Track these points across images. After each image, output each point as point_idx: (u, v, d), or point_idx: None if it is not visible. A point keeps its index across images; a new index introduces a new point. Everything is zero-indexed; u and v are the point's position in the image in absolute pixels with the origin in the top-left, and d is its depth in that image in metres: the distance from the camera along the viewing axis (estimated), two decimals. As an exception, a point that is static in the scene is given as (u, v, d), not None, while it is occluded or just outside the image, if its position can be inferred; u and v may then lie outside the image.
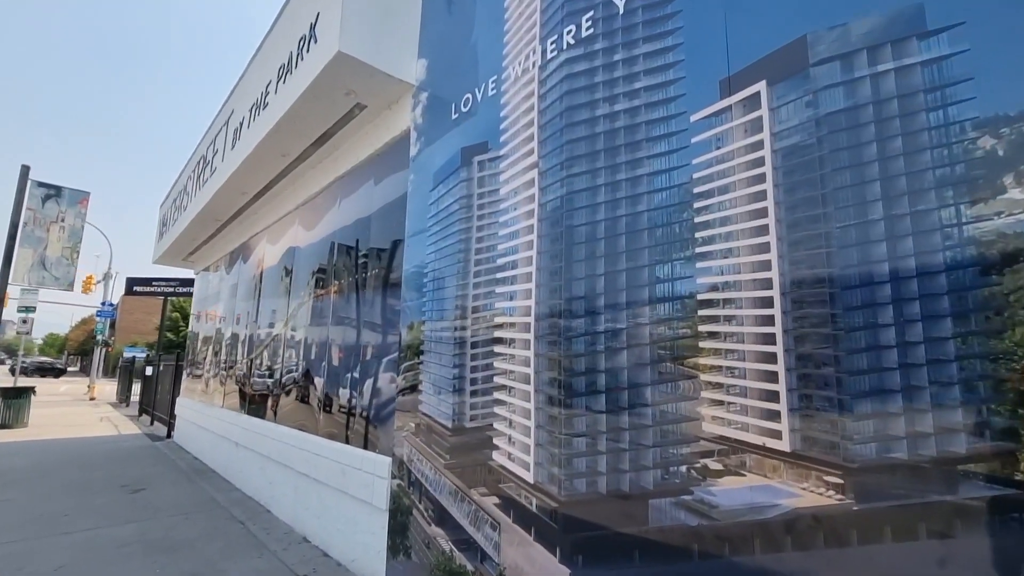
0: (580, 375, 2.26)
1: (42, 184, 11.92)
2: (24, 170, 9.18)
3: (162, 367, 11.94)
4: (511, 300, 2.67)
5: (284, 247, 6.19)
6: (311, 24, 3.90)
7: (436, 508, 2.94)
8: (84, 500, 5.26)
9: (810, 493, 1.53)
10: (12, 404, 10.65)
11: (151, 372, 12.82)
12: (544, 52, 2.72)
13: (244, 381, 6.75)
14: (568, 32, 2.59)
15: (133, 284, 20.81)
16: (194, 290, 11.67)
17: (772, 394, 1.63)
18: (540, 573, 2.25)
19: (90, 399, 18.85)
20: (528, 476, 2.39)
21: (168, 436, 10.01)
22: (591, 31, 2.48)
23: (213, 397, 7.96)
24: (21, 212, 9.19)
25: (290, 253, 5.96)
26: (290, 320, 5.63)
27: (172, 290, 20.38)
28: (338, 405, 4.31)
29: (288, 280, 5.88)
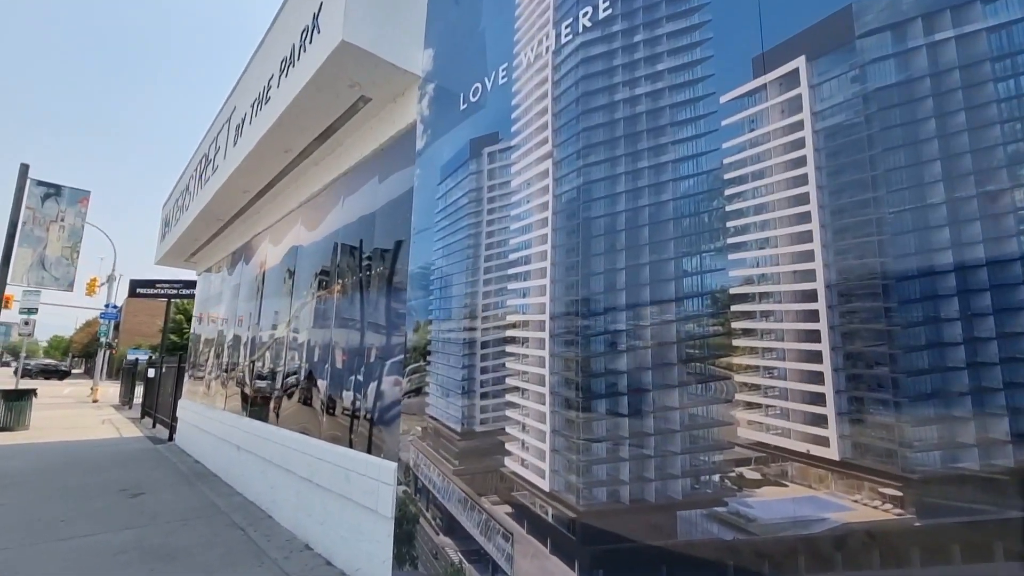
0: (599, 376, 2.12)
1: (41, 183, 11.84)
2: (23, 168, 9.10)
3: (164, 369, 11.85)
4: (524, 297, 2.53)
5: (286, 247, 6.07)
6: (314, 14, 3.78)
7: (444, 516, 2.80)
8: (82, 505, 5.14)
9: (863, 506, 1.38)
10: (13, 406, 10.56)
11: (153, 374, 12.73)
12: (558, 36, 2.59)
13: (246, 383, 6.62)
14: (584, 14, 2.46)
15: (136, 286, 20.75)
16: (196, 291, 11.57)
17: (817, 396, 1.49)
18: (557, 588, 2.10)
19: (93, 401, 18.79)
20: (543, 484, 2.25)
21: (170, 439, 9.89)
22: (609, 12, 2.34)
23: (215, 399, 7.84)
24: (20, 211, 9.11)
25: (292, 253, 5.84)
26: (292, 321, 5.51)
27: (175, 292, 20.30)
28: (341, 407, 4.18)
29: (290, 281, 5.75)
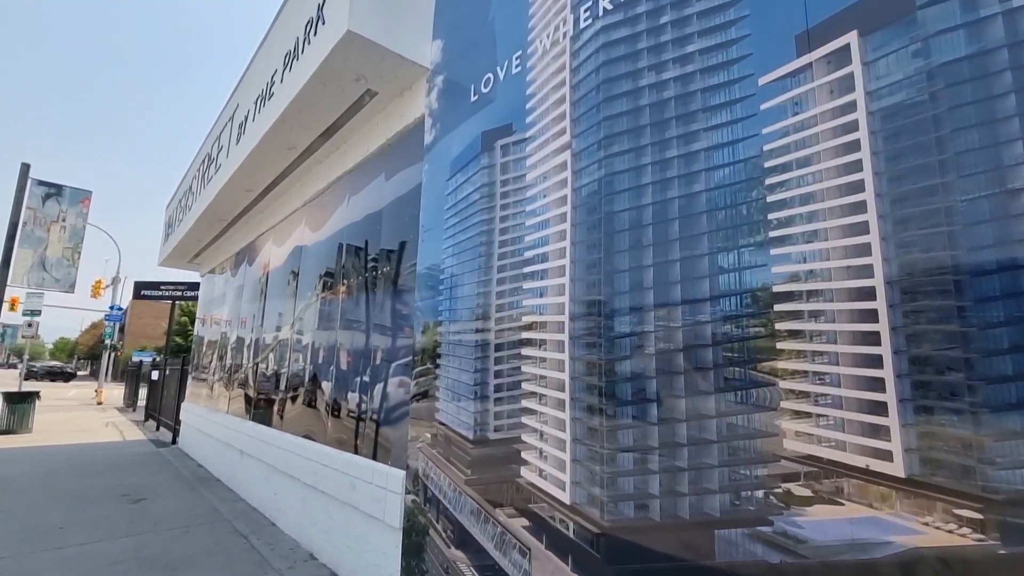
0: (624, 381, 1.97)
1: (42, 182, 11.74)
2: (24, 168, 9.01)
3: (168, 372, 11.75)
4: (541, 297, 2.38)
5: (290, 247, 5.95)
6: (319, 5, 3.65)
7: (456, 528, 2.65)
8: (81, 511, 5.01)
9: (935, 530, 1.23)
10: (16, 409, 10.47)
11: (157, 376, 12.63)
12: (576, 21, 2.45)
13: (249, 386, 6.50)
14: (605, -3, 2.32)
15: (141, 288, 20.68)
16: (199, 293, 11.48)
17: (878, 405, 1.34)
18: (580, 610, 1.96)
19: (97, 404, 18.74)
20: (564, 496, 2.10)
21: (173, 442, 9.79)
22: (632, -7, 2.20)
23: (218, 402, 7.72)
24: (21, 211, 9.02)
25: (296, 253, 5.71)
26: (296, 323, 5.38)
27: (180, 294, 20.22)
28: (347, 410, 4.04)
29: (295, 282, 5.63)
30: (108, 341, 22.05)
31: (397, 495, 3.12)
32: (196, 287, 16.91)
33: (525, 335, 2.44)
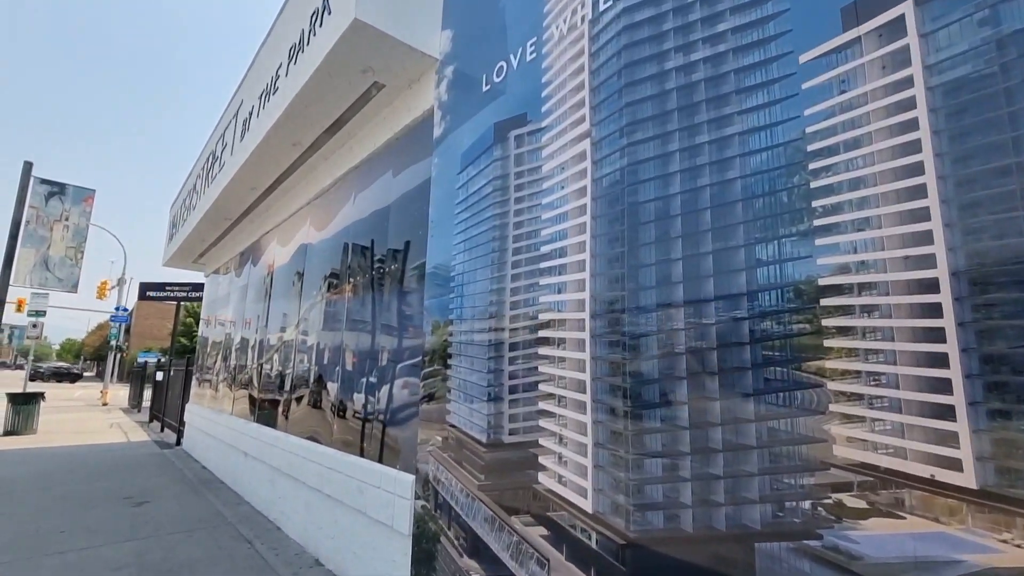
0: (651, 383, 1.85)
1: (45, 181, 11.67)
2: (27, 166, 8.95)
3: (172, 373, 11.69)
4: (559, 293, 2.26)
5: (295, 246, 5.85)
6: (325, -6, 3.55)
7: (469, 536, 2.53)
8: (83, 514, 4.92)
9: (1015, 548, 1.10)
10: (21, 410, 10.43)
11: (161, 377, 12.57)
12: (596, 3, 2.33)
13: (254, 386, 6.40)
14: (626, -23, 2.20)
15: (146, 289, 20.69)
16: (204, 294, 11.41)
17: (944, 409, 1.21)
18: (605, 626, 1.83)
19: (103, 404, 18.73)
20: (585, 504, 1.98)
21: (177, 443, 9.71)
22: (657, -29, 2.08)
23: (222, 403, 7.63)
24: (23, 210, 8.97)
25: (301, 252, 5.61)
26: (301, 323, 5.28)
27: (185, 295, 20.20)
28: (353, 411, 3.93)
29: (299, 282, 5.53)
30: (114, 342, 22.05)
31: (406, 500, 3.01)
32: (201, 288, 16.87)
33: (542, 334, 2.32)
